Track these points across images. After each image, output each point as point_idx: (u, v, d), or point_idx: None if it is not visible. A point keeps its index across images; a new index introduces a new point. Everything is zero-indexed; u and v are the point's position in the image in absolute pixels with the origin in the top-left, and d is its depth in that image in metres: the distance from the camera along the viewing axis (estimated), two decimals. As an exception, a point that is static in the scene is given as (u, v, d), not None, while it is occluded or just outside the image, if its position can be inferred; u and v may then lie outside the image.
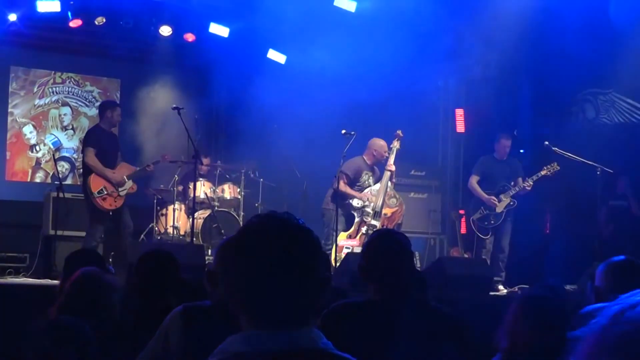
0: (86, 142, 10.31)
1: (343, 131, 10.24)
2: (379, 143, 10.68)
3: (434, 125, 13.52)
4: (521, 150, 11.84)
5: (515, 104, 12.07)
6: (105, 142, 10.23)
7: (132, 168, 10.51)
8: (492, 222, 10.71)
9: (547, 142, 10.59)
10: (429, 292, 3.70)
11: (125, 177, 10.28)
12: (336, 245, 9.98)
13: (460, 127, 13.11)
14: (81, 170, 10.89)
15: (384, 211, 10.41)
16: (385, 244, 3.65)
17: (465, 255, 11.48)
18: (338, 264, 9.39)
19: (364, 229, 10.33)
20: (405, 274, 3.60)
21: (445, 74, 12.93)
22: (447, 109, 13.46)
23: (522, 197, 10.71)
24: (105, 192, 10.10)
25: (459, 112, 13.12)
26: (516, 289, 10.16)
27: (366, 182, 10.63)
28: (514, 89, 12.17)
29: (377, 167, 10.79)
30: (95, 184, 10.09)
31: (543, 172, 10.52)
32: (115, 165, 10.33)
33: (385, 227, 10.17)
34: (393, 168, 10.59)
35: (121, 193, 10.23)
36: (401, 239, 3.71)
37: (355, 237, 10.34)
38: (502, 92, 12.14)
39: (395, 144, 10.66)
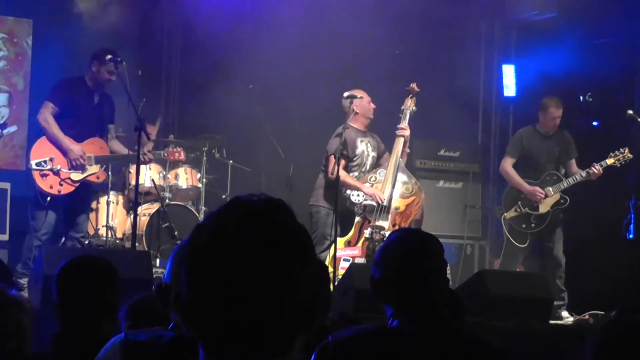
0: (48, 94, 10.15)
1: (345, 94, 10.19)
2: (358, 94, 10.34)
3: (473, 87, 13.51)
4: (594, 123, 11.83)
5: (584, 58, 12.05)
6: (79, 101, 10.14)
7: (107, 148, 10.35)
8: (533, 225, 10.69)
9: (630, 112, 10.56)
10: (466, 317, 3.68)
11: (91, 155, 10.13)
12: (335, 255, 9.90)
13: (510, 90, 13.11)
14: None
15: (394, 204, 10.31)
16: (409, 250, 3.63)
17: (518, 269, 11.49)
18: (337, 280, 9.37)
19: (367, 232, 10.27)
20: (435, 292, 3.59)
21: (489, 15, 12.92)
22: (492, 65, 13.46)
23: (595, 186, 10.66)
24: (47, 167, 9.91)
25: (508, 69, 13.12)
26: (587, 317, 10.16)
27: (365, 153, 10.48)
28: (583, 37, 12.15)
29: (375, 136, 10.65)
30: (38, 151, 9.97)
31: (609, 161, 10.48)
32: (86, 138, 10.19)
33: (398, 226, 10.11)
34: (407, 132, 10.39)
35: (73, 176, 10.08)
36: (431, 242, 3.70)
37: (356, 243, 10.27)
38: (566, 41, 12.13)
39: (409, 104, 10.51)
